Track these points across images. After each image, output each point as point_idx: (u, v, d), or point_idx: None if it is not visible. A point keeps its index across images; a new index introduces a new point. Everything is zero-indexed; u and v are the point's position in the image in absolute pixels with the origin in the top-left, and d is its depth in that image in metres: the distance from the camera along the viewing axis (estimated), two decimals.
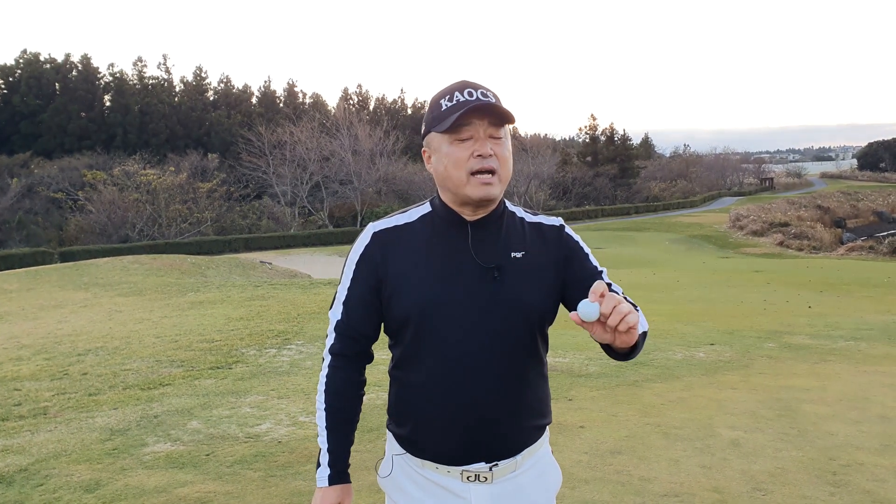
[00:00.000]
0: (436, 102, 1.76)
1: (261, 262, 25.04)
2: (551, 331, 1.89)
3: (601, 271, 1.81)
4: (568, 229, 1.87)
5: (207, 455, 4.63)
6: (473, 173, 1.70)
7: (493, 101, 1.71)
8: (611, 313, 1.41)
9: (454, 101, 1.71)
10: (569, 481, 4.08)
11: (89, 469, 4.42)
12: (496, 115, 1.71)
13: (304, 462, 4.45)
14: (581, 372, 6.82)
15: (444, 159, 1.73)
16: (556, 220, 1.88)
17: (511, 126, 1.78)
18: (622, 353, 1.63)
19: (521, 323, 1.75)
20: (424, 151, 1.82)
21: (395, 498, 1.86)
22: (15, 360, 7.99)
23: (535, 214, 1.89)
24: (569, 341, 8.23)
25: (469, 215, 1.78)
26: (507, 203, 1.86)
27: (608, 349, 1.65)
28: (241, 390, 6.33)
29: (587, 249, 1.86)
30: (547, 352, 1.89)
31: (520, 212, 1.88)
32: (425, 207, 1.85)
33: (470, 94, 1.71)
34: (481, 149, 1.69)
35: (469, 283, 1.73)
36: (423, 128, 1.81)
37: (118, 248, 34.83)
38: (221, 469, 4.38)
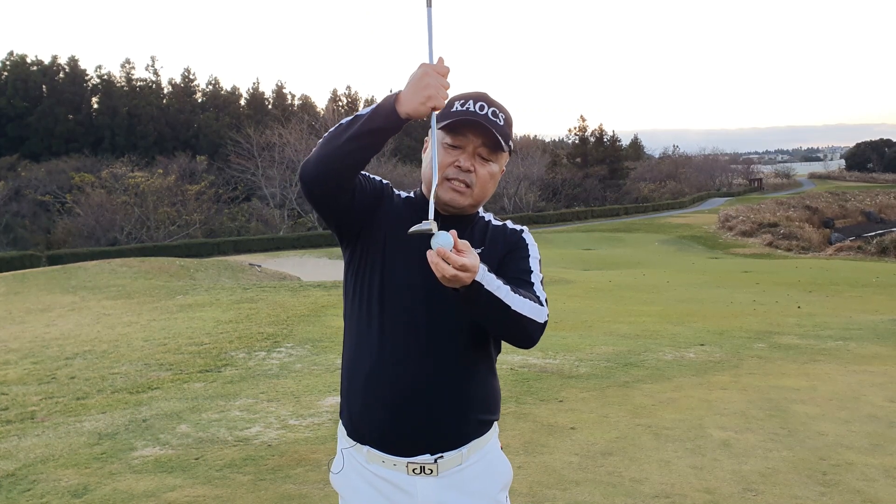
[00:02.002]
0: (451, 101, 1.82)
1: (250, 264, 24.94)
2: (543, 332, 1.90)
3: (531, 272, 1.87)
4: (526, 234, 1.96)
5: (196, 459, 4.60)
6: (448, 179, 1.79)
7: (501, 124, 1.79)
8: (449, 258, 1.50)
9: (465, 108, 1.78)
10: (560, 483, 4.07)
11: (77, 474, 4.38)
12: (490, 139, 1.78)
13: (293, 465, 4.43)
14: (571, 373, 6.82)
15: (430, 156, 1.79)
16: (519, 227, 1.97)
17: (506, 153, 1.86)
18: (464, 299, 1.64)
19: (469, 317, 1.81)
20: (426, 140, 1.88)
21: (346, 496, 1.90)
22: (2, 365, 7.93)
23: (503, 221, 1.98)
24: (559, 342, 8.23)
25: (442, 210, 1.85)
26: (481, 210, 1.95)
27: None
28: (231, 394, 6.30)
29: (533, 253, 1.92)
30: (498, 351, 1.94)
31: (489, 216, 1.96)
32: (410, 193, 1.94)
33: (482, 108, 1.79)
34: (464, 162, 1.78)
35: (426, 269, 1.74)
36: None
37: (106, 251, 34.55)
38: (211, 473, 4.35)
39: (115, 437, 5.13)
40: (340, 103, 72.48)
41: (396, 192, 1.92)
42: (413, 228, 1.58)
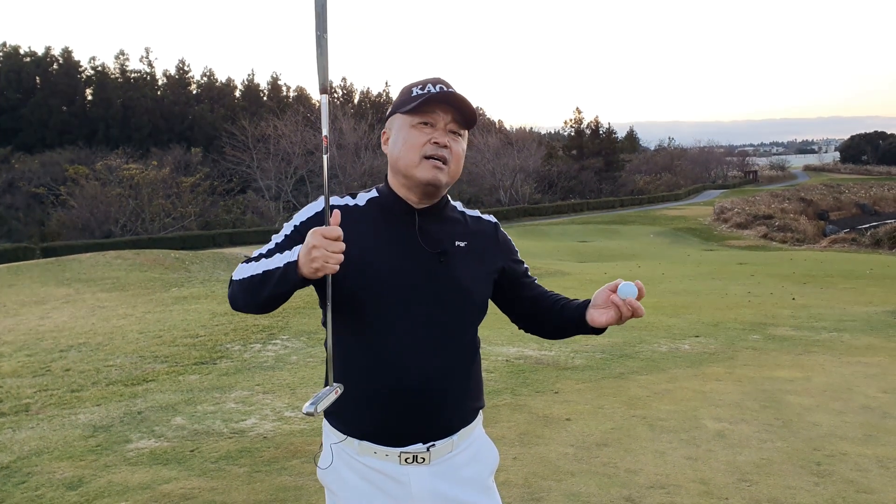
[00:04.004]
0: (407, 89, 1.84)
1: (245, 256, 24.91)
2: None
3: (527, 268, 2.02)
4: (502, 228, 2.02)
5: (192, 451, 4.60)
6: (426, 157, 1.77)
7: (465, 99, 1.80)
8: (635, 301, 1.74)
9: (425, 90, 1.79)
10: (555, 474, 4.08)
11: (72, 466, 4.38)
12: (461, 112, 1.80)
13: (289, 457, 4.43)
14: (567, 365, 6.83)
15: (401, 141, 1.80)
16: (492, 218, 2.01)
17: (473, 128, 1.88)
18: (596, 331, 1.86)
19: (464, 307, 1.84)
20: (384, 133, 1.89)
21: (335, 490, 1.89)
22: None
23: (472, 210, 1.99)
24: None
25: (416, 202, 1.84)
26: (449, 196, 1.96)
27: (580, 328, 1.87)
28: (226, 386, 6.29)
29: (516, 249, 2.03)
30: (479, 339, 1.97)
31: (459, 205, 1.98)
32: (373, 193, 1.90)
33: (441, 89, 1.79)
34: (439, 137, 1.78)
35: (415, 267, 1.79)
36: (388, 111, 1.89)
37: (101, 244, 34.49)
38: (206, 465, 4.35)
39: (109, 429, 5.12)
40: (336, 95, 72.31)
41: (352, 202, 1.86)
42: (312, 406, 1.60)
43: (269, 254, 1.79)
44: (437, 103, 1.77)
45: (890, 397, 5.62)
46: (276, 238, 1.85)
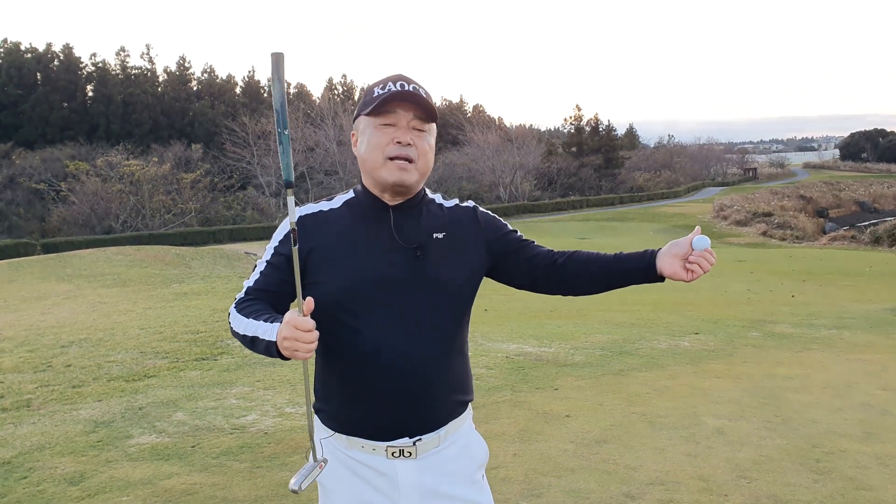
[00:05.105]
0: (370, 90, 1.85)
1: (245, 253, 24.93)
2: (539, 321, 1.94)
3: (520, 236, 1.99)
4: (481, 209, 2.00)
5: (193, 447, 4.61)
6: (391, 158, 1.78)
7: (424, 95, 1.80)
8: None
9: (386, 90, 1.79)
10: (555, 470, 4.10)
11: (73, 461, 4.39)
12: (421, 108, 1.79)
13: (290, 453, 4.45)
14: (567, 361, 6.84)
15: (366, 142, 1.81)
16: (470, 203, 2.00)
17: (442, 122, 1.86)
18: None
19: (444, 300, 1.83)
20: (353, 135, 1.90)
21: (326, 483, 1.90)
22: None
23: (450, 200, 1.99)
24: (554, 331, 8.25)
25: (389, 200, 1.85)
26: (427, 190, 1.95)
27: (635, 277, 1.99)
28: (227, 381, 6.31)
29: (504, 222, 2.00)
30: (467, 331, 1.97)
31: (438, 198, 1.97)
32: (349, 194, 1.92)
33: (402, 86, 1.80)
34: (402, 136, 1.78)
35: (393, 263, 1.80)
36: (354, 113, 1.90)
37: (101, 240, 34.46)
38: (207, 461, 4.36)
39: (111, 424, 5.13)
40: (336, 91, 72.28)
41: (327, 206, 1.89)
42: (297, 483, 1.62)
43: (257, 288, 1.86)
44: (397, 102, 1.78)
45: (889, 395, 5.64)
46: (260, 266, 1.88)
